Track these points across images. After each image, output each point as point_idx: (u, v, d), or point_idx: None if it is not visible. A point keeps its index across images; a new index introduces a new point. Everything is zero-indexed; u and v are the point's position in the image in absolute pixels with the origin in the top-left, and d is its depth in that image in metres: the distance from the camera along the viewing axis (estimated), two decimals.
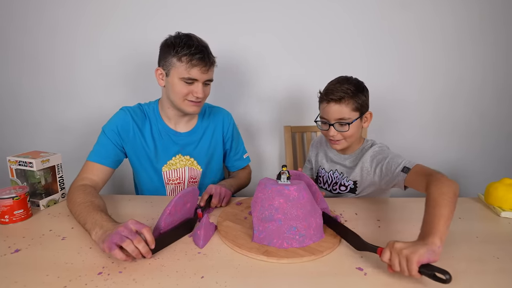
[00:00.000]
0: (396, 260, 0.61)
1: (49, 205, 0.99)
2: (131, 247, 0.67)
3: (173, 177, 1.14)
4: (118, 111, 1.10)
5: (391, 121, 1.63)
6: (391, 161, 0.96)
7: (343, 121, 1.00)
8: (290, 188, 0.76)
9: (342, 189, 1.11)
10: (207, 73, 1.00)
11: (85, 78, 1.58)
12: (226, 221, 0.87)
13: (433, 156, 1.67)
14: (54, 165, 0.99)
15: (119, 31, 1.52)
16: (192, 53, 0.95)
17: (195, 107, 1.04)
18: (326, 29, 1.53)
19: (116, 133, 1.06)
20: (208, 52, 0.99)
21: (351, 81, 1.01)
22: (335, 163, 1.14)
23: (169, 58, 0.99)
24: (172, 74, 0.99)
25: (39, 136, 1.66)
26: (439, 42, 1.54)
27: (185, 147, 1.14)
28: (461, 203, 0.99)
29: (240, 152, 1.29)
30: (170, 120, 1.12)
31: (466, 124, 1.64)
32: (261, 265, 0.69)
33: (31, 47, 1.55)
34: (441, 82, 1.59)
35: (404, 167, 0.90)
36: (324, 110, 1.03)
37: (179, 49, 0.96)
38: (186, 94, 1.00)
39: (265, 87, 1.61)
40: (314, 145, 1.27)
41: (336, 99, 0.99)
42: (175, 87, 1.00)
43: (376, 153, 1.03)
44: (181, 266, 0.68)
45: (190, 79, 0.98)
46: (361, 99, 1.00)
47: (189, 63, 0.96)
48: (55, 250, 0.74)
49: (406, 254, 0.60)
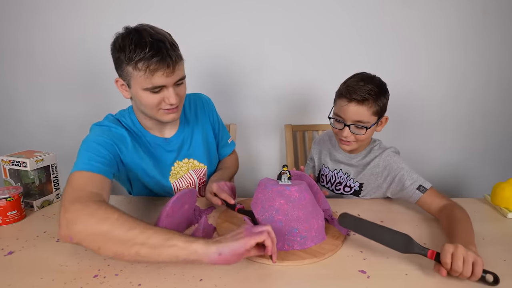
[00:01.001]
0: (459, 262, 0.62)
1: (43, 206, 0.98)
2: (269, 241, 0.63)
3: (183, 185, 1.06)
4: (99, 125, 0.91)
5: (394, 120, 1.62)
6: (406, 175, 0.96)
7: (360, 124, 0.96)
8: (291, 189, 0.76)
9: (346, 190, 1.10)
10: (173, 74, 0.82)
11: (80, 76, 1.58)
12: (226, 222, 0.87)
13: (436, 155, 1.67)
14: (49, 165, 0.99)
15: (114, 28, 1.51)
16: (148, 57, 0.78)
17: (172, 115, 0.90)
18: (327, 25, 1.52)
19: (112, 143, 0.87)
20: (167, 48, 0.80)
21: (375, 81, 0.96)
22: (340, 162, 1.12)
23: (124, 67, 0.83)
24: (133, 85, 0.84)
25: (33, 136, 1.66)
26: (443, 38, 1.53)
27: (180, 151, 1.05)
28: (466, 203, 0.98)
29: (225, 138, 1.20)
30: (153, 129, 0.99)
31: (469, 123, 1.64)
32: (262, 267, 0.68)
33: (25, 45, 1.55)
34: (444, 80, 1.59)
35: (420, 186, 0.92)
36: (341, 108, 0.97)
37: (131, 55, 0.79)
38: (157, 104, 0.86)
39: (264, 85, 1.60)
40: (317, 142, 1.24)
41: (358, 100, 0.93)
42: (142, 99, 0.85)
43: (390, 160, 1.00)
44: (179, 268, 0.68)
45: (155, 87, 0.82)
46: (382, 102, 0.97)
47: (147, 69, 0.79)
48: (49, 252, 0.73)
49: (474, 258, 0.62)
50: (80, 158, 0.79)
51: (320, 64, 1.57)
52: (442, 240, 0.79)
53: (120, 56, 0.82)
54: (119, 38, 0.83)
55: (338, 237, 0.79)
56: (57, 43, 1.54)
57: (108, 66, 1.17)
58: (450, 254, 0.63)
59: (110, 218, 0.63)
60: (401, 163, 0.99)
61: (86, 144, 0.83)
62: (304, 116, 1.63)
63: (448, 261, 0.63)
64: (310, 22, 1.52)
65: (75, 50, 1.55)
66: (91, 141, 0.84)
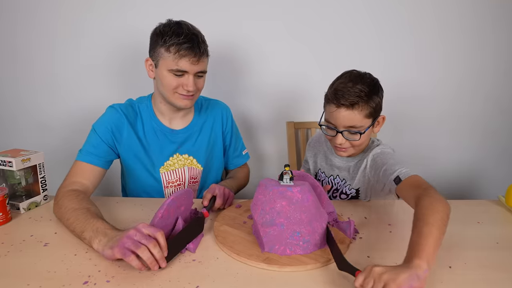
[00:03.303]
0: (369, 285, 0.57)
1: (30, 208, 0.98)
2: (147, 254, 0.66)
3: (172, 178, 1.14)
4: (109, 109, 1.09)
5: (406, 118, 1.62)
6: (388, 168, 0.90)
7: (353, 129, 0.94)
8: (293, 190, 0.75)
9: (343, 197, 1.09)
10: (198, 64, 0.98)
11: (67, 71, 1.58)
12: (224, 225, 0.87)
13: (449, 154, 1.66)
14: (36, 164, 0.99)
15: (105, 19, 1.51)
16: (181, 43, 0.95)
17: (186, 101, 1.03)
18: (333, 17, 1.52)
19: (109, 132, 1.05)
20: (199, 41, 0.98)
21: (365, 80, 0.93)
22: (337, 167, 1.11)
23: (157, 48, 0.98)
24: (160, 66, 0.99)
25: (18, 134, 1.66)
26: (457, 30, 1.51)
27: (183, 145, 1.14)
28: (479, 205, 0.99)
29: (240, 148, 1.29)
30: (164, 116, 1.12)
31: (485, 121, 1.64)
32: (262, 273, 0.68)
33: (7, 38, 1.54)
34: (459, 75, 1.57)
35: (397, 177, 0.85)
36: (331, 115, 0.96)
37: (167, 38, 0.95)
38: (175, 87, 1.00)
39: (266, 80, 1.60)
40: (311, 144, 1.23)
41: (347, 105, 0.91)
42: (164, 79, 1.00)
43: (376, 156, 0.98)
44: (174, 274, 0.68)
45: (179, 71, 0.98)
46: (375, 102, 0.93)
47: (177, 53, 0.95)
48: (36, 257, 0.73)
49: (385, 280, 0.56)
50: (82, 149, 1.04)
51: (325, 58, 1.56)
52: (452, 243, 0.78)
53: (157, 39, 0.98)
54: (162, 25, 1.00)
55: (343, 241, 0.79)
56: (41, 35, 1.54)
57: (97, 61, 1.19)
58: (364, 276, 0.59)
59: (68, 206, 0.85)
60: (387, 157, 0.95)
61: (91, 135, 1.06)
62: (307, 113, 1.62)
63: (357, 285, 0.59)
64: (315, 13, 1.51)
65: (61, 43, 1.54)
66: (93, 132, 1.05)
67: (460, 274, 0.67)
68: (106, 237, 0.72)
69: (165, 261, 0.68)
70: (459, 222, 0.89)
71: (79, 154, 1.03)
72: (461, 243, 0.79)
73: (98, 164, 1.02)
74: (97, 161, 1.02)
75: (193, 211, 0.92)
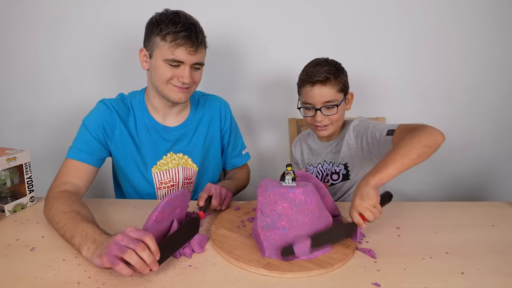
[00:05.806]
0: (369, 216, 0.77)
1: (15, 211, 0.98)
2: (135, 258, 0.65)
3: (165, 179, 1.14)
4: (100, 104, 1.09)
5: (419, 112, 1.62)
6: (373, 129, 1.02)
7: (330, 103, 1.09)
8: (295, 191, 0.75)
9: (334, 178, 1.17)
10: (195, 54, 0.99)
11: (54, 64, 1.58)
12: (221, 229, 0.87)
13: (461, 151, 1.66)
14: (22, 164, 0.99)
15: (95, 9, 1.51)
16: (177, 31, 0.95)
17: (180, 94, 1.03)
18: (339, 12, 1.51)
19: (101, 129, 1.05)
20: (197, 31, 0.98)
21: (330, 62, 1.12)
22: (321, 154, 1.23)
23: (153, 37, 0.99)
24: (155, 55, 1.00)
25: (2, 132, 1.66)
26: (475, 20, 1.50)
27: (177, 144, 1.14)
28: (494, 207, 0.98)
29: (239, 148, 1.29)
30: (158, 112, 1.11)
31: (500, 117, 1.63)
32: (262, 280, 0.68)
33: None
34: (475, 68, 1.56)
35: (389, 130, 0.96)
36: (308, 95, 1.11)
37: (163, 27, 0.96)
38: (170, 77, 1.00)
39: (266, 74, 1.60)
40: (297, 142, 1.35)
41: (321, 80, 1.07)
42: (158, 69, 1.00)
43: (357, 126, 1.11)
44: (169, 281, 0.68)
45: (174, 61, 0.98)
46: (343, 79, 1.11)
47: (173, 42, 0.96)
48: (22, 263, 0.73)
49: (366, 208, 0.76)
50: (73, 146, 1.04)
51: (328, 51, 1.53)
52: (464, 247, 0.78)
53: (153, 28, 0.99)
54: (158, 14, 1.01)
55: (348, 245, 0.79)
56: (25, 26, 1.53)
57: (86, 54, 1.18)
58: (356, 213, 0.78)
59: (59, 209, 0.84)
60: (367, 123, 1.09)
61: (81, 131, 1.06)
62: None
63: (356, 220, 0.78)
64: (317, 4, 1.51)
65: (47, 33, 1.54)
66: (84, 127, 1.05)
67: (473, 281, 0.67)
68: (94, 244, 0.70)
69: (157, 264, 0.68)
70: (472, 225, 0.89)
71: (69, 151, 1.02)
72: (474, 248, 0.79)
73: (90, 162, 1.02)
74: (89, 159, 1.02)
75: (190, 214, 0.92)
